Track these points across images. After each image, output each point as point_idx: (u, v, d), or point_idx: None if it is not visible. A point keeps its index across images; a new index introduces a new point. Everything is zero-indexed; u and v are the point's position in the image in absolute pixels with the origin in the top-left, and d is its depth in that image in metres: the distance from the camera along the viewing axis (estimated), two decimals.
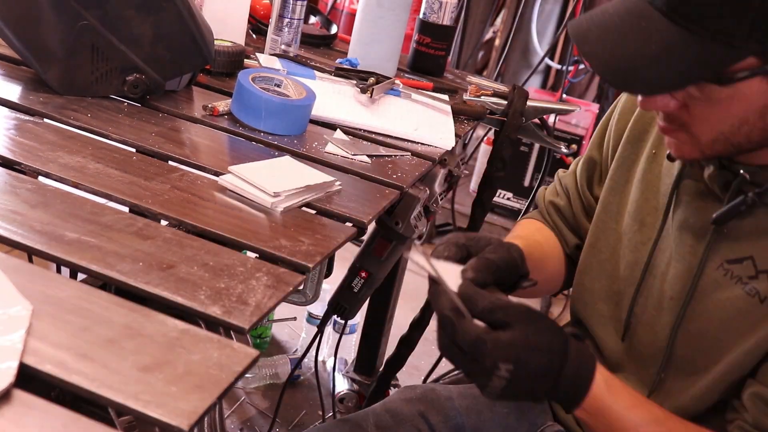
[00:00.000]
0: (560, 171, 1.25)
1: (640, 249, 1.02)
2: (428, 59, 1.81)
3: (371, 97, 1.45)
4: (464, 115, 1.55)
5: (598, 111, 3.15)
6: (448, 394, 1.19)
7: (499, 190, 3.05)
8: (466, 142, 2.93)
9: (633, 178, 1.05)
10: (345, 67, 1.59)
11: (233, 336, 0.82)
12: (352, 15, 3.15)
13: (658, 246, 1.00)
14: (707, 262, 0.93)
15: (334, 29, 1.97)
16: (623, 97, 1.11)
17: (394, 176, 1.20)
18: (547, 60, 3.41)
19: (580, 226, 1.18)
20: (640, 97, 0.87)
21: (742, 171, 0.88)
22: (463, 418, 1.16)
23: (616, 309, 1.06)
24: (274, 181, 1.03)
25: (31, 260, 1.08)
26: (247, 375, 1.40)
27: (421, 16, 1.79)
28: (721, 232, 0.91)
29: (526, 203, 2.03)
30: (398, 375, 2.02)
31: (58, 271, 1.33)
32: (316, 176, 1.08)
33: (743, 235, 0.89)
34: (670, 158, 0.97)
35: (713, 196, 0.93)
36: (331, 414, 2.02)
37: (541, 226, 1.21)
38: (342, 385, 2.13)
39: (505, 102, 1.57)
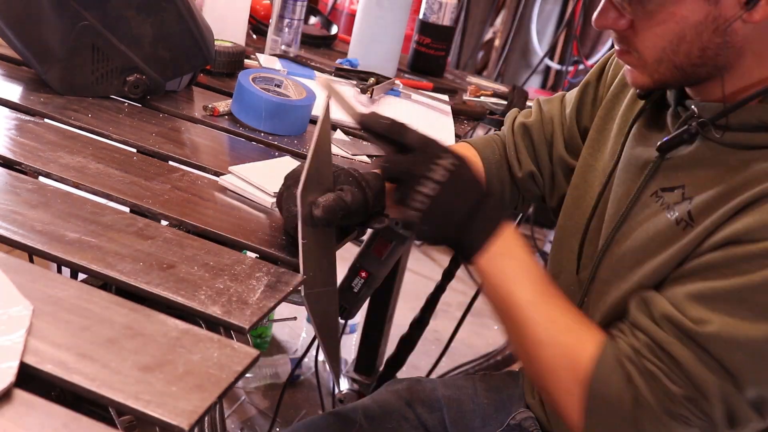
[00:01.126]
0: (541, 97, 1.26)
1: (602, 182, 1.06)
2: (428, 59, 1.81)
3: (371, 97, 1.45)
4: (464, 115, 1.55)
5: None
6: (432, 386, 1.22)
7: None
8: None
9: (615, 116, 1.08)
10: (345, 67, 1.59)
11: (233, 336, 0.82)
12: (352, 15, 3.15)
13: (612, 177, 1.03)
14: (645, 190, 0.95)
15: (334, 29, 1.97)
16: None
17: None
18: (547, 60, 3.41)
19: (543, 152, 1.19)
20: (594, 16, 0.92)
21: (693, 106, 0.91)
22: (446, 408, 1.19)
23: (572, 238, 1.08)
24: (274, 181, 1.03)
25: (31, 260, 1.08)
26: (247, 375, 1.40)
27: (421, 16, 1.79)
28: (663, 163, 0.94)
29: None
30: (398, 375, 2.02)
31: (59, 271, 1.33)
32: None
33: (680, 165, 0.92)
34: (639, 96, 1.02)
35: (666, 131, 0.96)
36: None
37: (466, 152, 1.19)
38: (342, 385, 2.13)
39: (505, 102, 1.58)
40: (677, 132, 0.91)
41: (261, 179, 1.03)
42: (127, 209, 0.93)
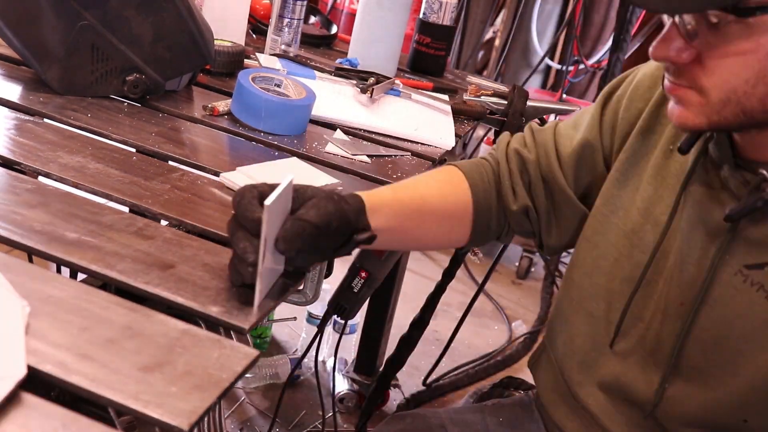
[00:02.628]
0: (534, 125, 1.14)
1: (649, 248, 0.95)
2: (428, 59, 1.81)
3: (371, 97, 1.45)
4: (464, 115, 1.55)
5: None
6: (439, 422, 1.15)
7: None
8: (466, 142, 2.93)
9: (644, 173, 0.98)
10: (345, 67, 1.59)
11: (233, 336, 0.82)
12: (352, 15, 3.15)
13: (663, 246, 0.93)
14: (722, 266, 0.87)
15: (334, 29, 1.97)
16: (629, 83, 1.04)
17: (395, 176, 1.20)
18: (547, 60, 3.41)
19: (540, 188, 1.08)
20: (654, 45, 0.80)
21: (761, 170, 0.82)
22: None
23: (609, 310, 1.00)
24: (275, 181, 1.03)
25: (31, 260, 1.08)
26: (247, 375, 1.40)
27: (421, 16, 1.79)
28: (736, 234, 0.85)
29: None
30: (398, 375, 2.02)
31: (58, 271, 1.33)
32: (320, 178, 1.08)
33: (762, 239, 0.84)
34: (681, 150, 0.91)
35: (728, 195, 0.87)
36: (331, 414, 2.02)
37: (453, 178, 1.09)
38: (342, 385, 2.13)
39: (505, 102, 1.57)
40: (751, 200, 0.81)
41: (264, 179, 1.03)
42: (126, 209, 0.92)
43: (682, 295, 0.91)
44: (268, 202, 0.73)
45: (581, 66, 3.45)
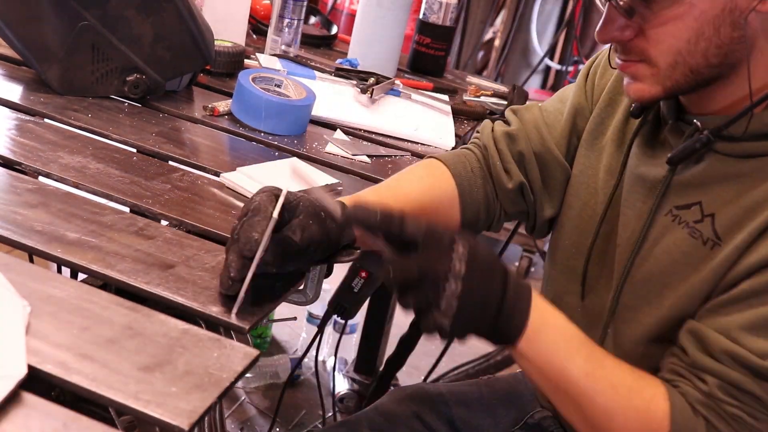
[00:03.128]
0: (513, 107, 1.15)
1: (605, 202, 1.01)
2: (428, 59, 1.81)
3: (371, 97, 1.45)
4: (464, 115, 1.55)
5: None
6: (437, 391, 1.19)
7: None
8: (466, 142, 2.93)
9: (608, 132, 1.03)
10: (345, 67, 1.59)
11: (233, 336, 0.82)
12: (352, 15, 3.15)
13: (613, 200, 0.99)
14: (658, 210, 0.92)
15: (334, 29, 1.97)
16: (604, 53, 1.08)
17: None
18: (547, 60, 3.41)
19: (533, 162, 1.08)
20: (597, 30, 0.86)
21: (695, 121, 0.87)
22: (453, 411, 1.16)
23: (574, 262, 1.04)
24: (278, 181, 1.03)
25: (31, 260, 1.08)
26: (247, 375, 1.40)
27: (421, 16, 1.79)
28: (673, 181, 0.90)
29: None
30: (398, 375, 2.02)
31: (59, 271, 1.33)
32: (321, 178, 1.09)
33: (693, 182, 0.88)
34: (633, 114, 0.97)
35: (669, 148, 0.92)
36: (331, 414, 2.02)
37: (435, 170, 1.08)
38: (342, 385, 2.13)
39: (505, 102, 1.58)
40: (688, 142, 0.87)
41: (265, 179, 1.03)
42: (127, 209, 0.93)
43: (621, 239, 0.96)
44: (268, 231, 0.76)
45: (581, 66, 3.45)
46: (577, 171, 1.06)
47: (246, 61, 1.51)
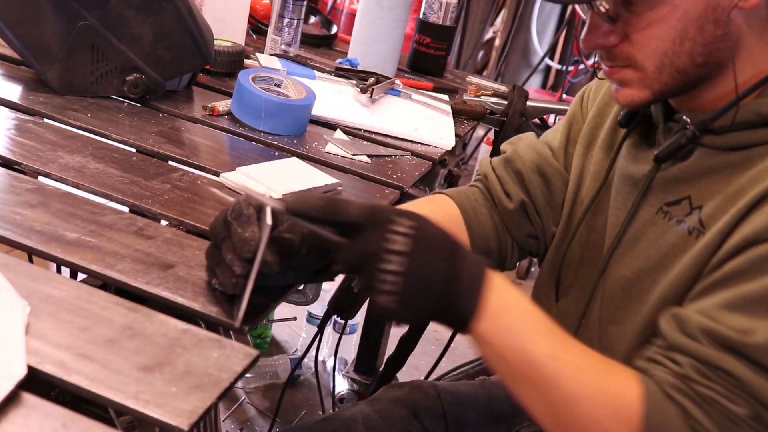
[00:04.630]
0: (511, 139, 1.16)
1: (586, 204, 1.01)
2: (428, 59, 1.81)
3: (371, 97, 1.45)
4: (464, 115, 1.55)
5: None
6: (434, 392, 1.19)
7: None
8: (466, 142, 2.93)
9: (597, 141, 1.04)
10: (345, 67, 1.59)
11: (233, 336, 0.82)
12: (352, 15, 3.15)
13: (597, 200, 0.99)
14: (643, 205, 0.91)
15: (334, 29, 1.97)
16: (598, 80, 1.10)
17: (395, 176, 1.20)
18: (547, 60, 3.42)
19: (533, 179, 1.08)
20: (582, 38, 0.86)
21: (684, 117, 0.88)
22: (448, 415, 1.17)
23: (552, 267, 1.04)
24: (278, 181, 1.03)
25: (31, 260, 1.08)
26: (247, 375, 1.40)
27: (421, 16, 1.79)
28: (661, 178, 0.90)
29: None
30: (398, 375, 2.02)
31: (59, 271, 1.33)
32: (321, 178, 1.09)
33: (682, 177, 0.88)
34: (621, 124, 0.97)
35: (657, 146, 0.92)
36: None
37: (440, 200, 1.09)
38: (342, 385, 2.13)
39: (505, 102, 1.58)
40: (675, 138, 0.87)
41: (265, 179, 1.03)
42: (126, 209, 0.93)
43: (608, 238, 0.96)
44: (269, 220, 0.73)
45: (581, 66, 3.45)
46: (570, 180, 1.07)
47: (246, 60, 1.51)
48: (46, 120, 1.12)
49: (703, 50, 0.82)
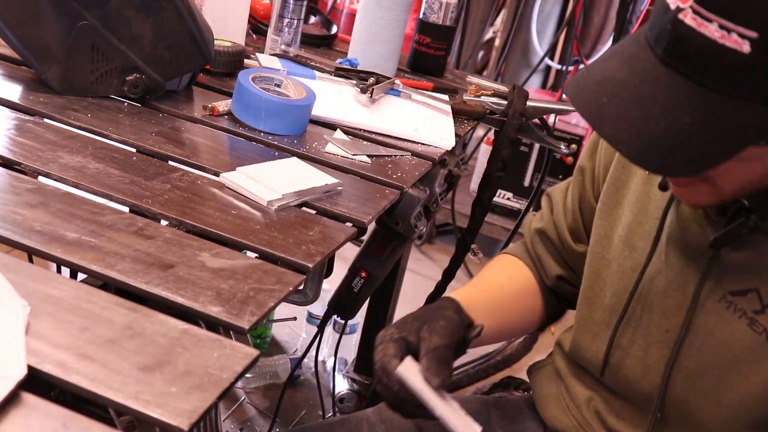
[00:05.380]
0: (549, 189, 1.19)
1: (630, 276, 0.96)
2: (428, 59, 1.81)
3: (371, 97, 1.45)
4: (464, 115, 1.55)
5: None
6: None
7: (499, 190, 3.05)
8: (466, 142, 2.93)
9: (624, 201, 0.99)
10: (345, 67, 1.59)
11: (233, 336, 0.82)
12: (352, 15, 3.15)
13: (646, 273, 0.94)
14: (707, 293, 0.88)
15: (334, 29, 1.97)
16: None
17: (395, 176, 1.20)
18: (547, 60, 3.41)
19: (566, 250, 1.11)
20: (684, 198, 0.84)
21: (742, 199, 0.82)
22: None
23: (594, 341, 1.00)
24: (278, 181, 1.03)
25: (31, 260, 1.08)
26: (247, 375, 1.40)
27: (421, 16, 1.79)
28: (720, 261, 0.86)
29: (526, 203, 2.03)
30: None
31: (59, 271, 1.33)
32: (321, 178, 1.09)
33: (745, 265, 0.84)
34: (661, 187, 0.90)
35: (709, 222, 0.88)
36: (331, 414, 2.02)
37: (511, 261, 1.17)
38: (342, 385, 2.13)
39: (505, 102, 1.57)
40: (734, 226, 0.82)
41: (265, 179, 1.03)
42: (126, 209, 0.93)
43: (667, 322, 0.92)
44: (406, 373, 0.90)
45: (581, 66, 3.45)
46: (594, 241, 1.04)
47: (246, 60, 1.51)
48: (46, 120, 1.12)
49: None
